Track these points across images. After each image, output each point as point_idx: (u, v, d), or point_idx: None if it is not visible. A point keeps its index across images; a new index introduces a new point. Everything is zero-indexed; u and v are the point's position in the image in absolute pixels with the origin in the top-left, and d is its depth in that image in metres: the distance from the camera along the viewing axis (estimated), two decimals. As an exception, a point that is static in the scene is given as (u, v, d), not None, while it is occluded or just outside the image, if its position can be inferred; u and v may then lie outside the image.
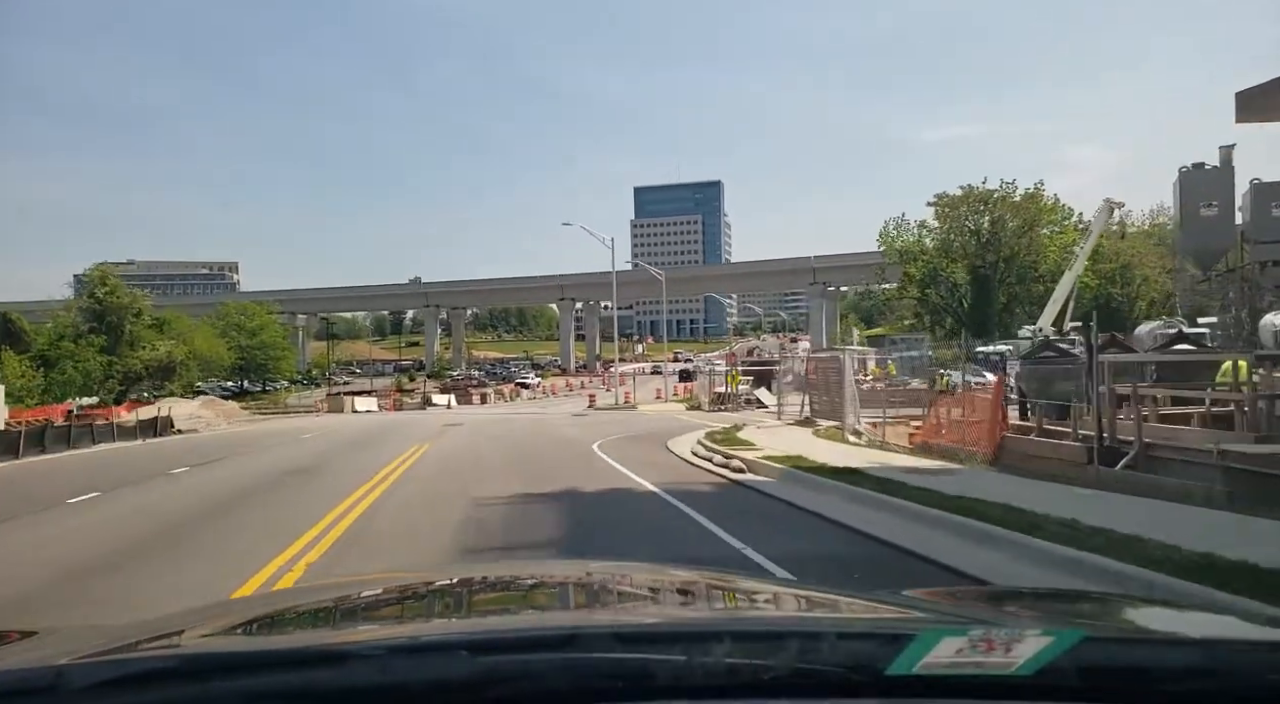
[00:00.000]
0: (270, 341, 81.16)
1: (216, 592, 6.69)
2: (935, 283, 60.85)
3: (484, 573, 2.65)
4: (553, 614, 1.78)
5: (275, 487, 14.54)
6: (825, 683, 1.06)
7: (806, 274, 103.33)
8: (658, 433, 22.72)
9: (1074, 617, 1.79)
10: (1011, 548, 7.59)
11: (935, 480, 11.43)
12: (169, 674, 1.11)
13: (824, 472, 12.79)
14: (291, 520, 10.40)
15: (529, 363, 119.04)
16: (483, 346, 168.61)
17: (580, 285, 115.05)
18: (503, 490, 12.70)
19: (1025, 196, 55.79)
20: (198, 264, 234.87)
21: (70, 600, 6.96)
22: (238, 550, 8.78)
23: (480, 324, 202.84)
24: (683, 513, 10.66)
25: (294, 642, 1.52)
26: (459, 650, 1.11)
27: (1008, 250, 55.85)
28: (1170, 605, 2.41)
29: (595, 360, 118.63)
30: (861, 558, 7.98)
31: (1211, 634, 1.55)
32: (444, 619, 1.76)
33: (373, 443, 22.47)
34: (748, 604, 1.88)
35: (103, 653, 1.32)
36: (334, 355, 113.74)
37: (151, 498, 13.96)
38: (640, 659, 1.11)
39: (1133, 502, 9.78)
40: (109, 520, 11.49)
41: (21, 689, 1.07)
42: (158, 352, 57.68)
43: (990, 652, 1.12)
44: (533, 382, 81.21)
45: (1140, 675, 1.12)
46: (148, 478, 16.92)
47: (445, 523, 10.11)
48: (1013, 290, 56.63)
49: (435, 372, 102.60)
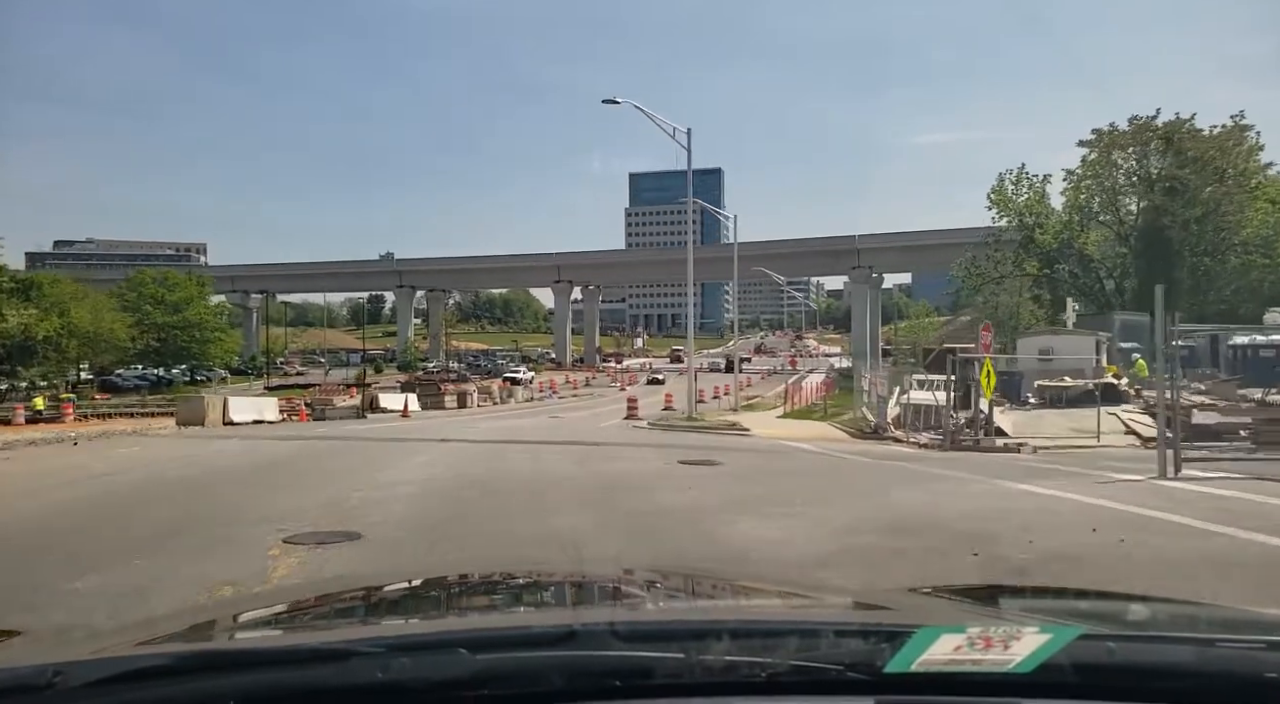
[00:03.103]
0: (199, 320, 64.37)
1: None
2: (1068, 255, 45.37)
3: (482, 571, 2.64)
4: (551, 612, 1.78)
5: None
6: (824, 680, 1.06)
7: (848, 256, 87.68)
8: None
9: (1072, 614, 1.81)
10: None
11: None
12: (165, 672, 1.10)
13: None
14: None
15: (518, 355, 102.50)
16: (465, 337, 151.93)
17: (578, 266, 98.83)
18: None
19: (1225, 133, 40.15)
20: (163, 244, 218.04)
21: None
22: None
23: (463, 315, 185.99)
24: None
25: (291, 640, 1.51)
26: (458, 648, 1.09)
27: (1200, 208, 40.08)
28: (1168, 603, 2.32)
29: (595, 353, 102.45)
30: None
31: (1209, 632, 1.53)
32: (442, 617, 1.75)
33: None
34: (746, 602, 1.89)
35: (99, 651, 1.33)
36: (301, 343, 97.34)
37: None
38: (639, 656, 1.10)
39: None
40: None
41: (17, 687, 1.05)
42: (5, 323, 41.08)
43: (988, 649, 1.12)
44: (524, 377, 65.11)
45: (1138, 673, 1.12)
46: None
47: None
48: (1199, 264, 40.89)
49: (406, 362, 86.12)
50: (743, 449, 16.68)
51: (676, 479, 10.81)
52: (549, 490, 9.76)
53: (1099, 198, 44.93)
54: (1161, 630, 1.54)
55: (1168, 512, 7.59)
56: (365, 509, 8.24)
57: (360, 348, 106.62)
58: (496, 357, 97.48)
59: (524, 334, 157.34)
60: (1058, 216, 46.08)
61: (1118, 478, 10.26)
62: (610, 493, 9.48)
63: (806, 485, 10.34)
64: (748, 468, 12.77)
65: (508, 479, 10.91)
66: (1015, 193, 47.45)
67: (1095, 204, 44.81)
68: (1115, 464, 12.03)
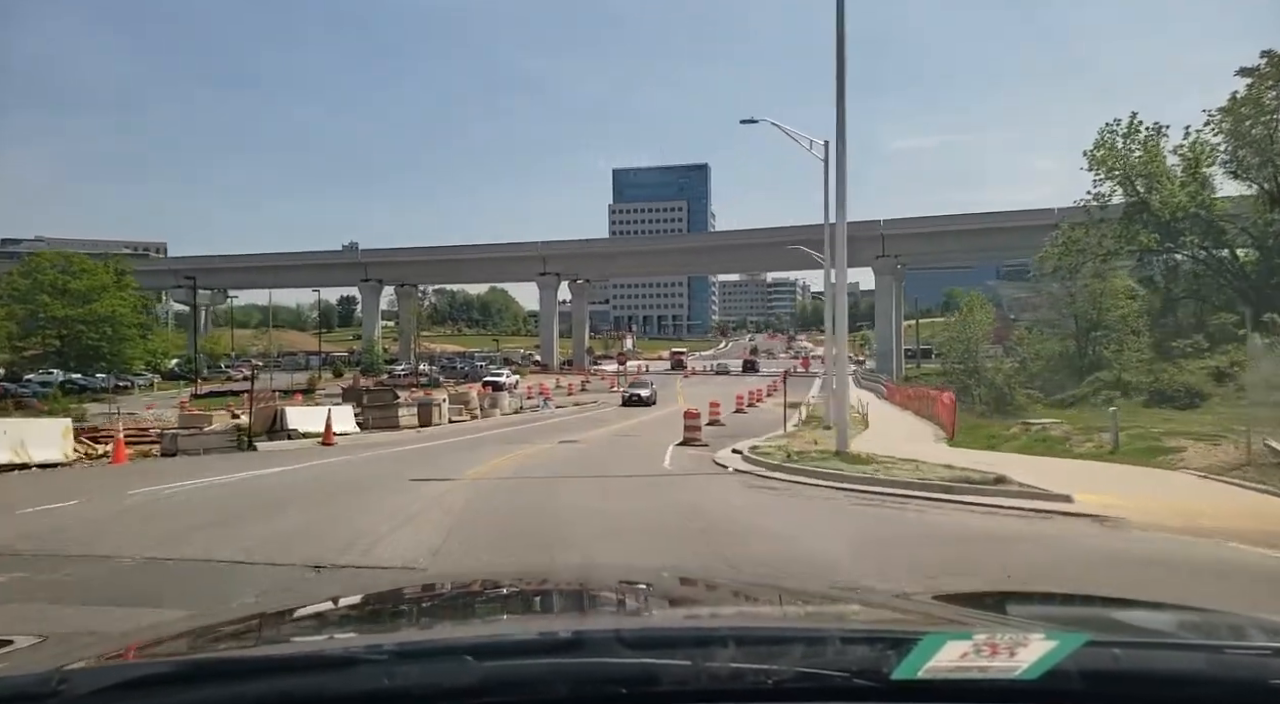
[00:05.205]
0: (110, 313, 53.06)
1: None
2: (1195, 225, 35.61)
3: (487, 578, 2.58)
4: (557, 618, 1.76)
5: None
6: (830, 687, 1.05)
7: (871, 244, 77.57)
8: None
9: (1078, 621, 1.81)
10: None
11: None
12: (170, 680, 1.10)
13: None
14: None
15: (499, 357, 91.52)
16: (441, 340, 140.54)
17: (564, 256, 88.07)
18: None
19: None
20: (119, 243, 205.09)
21: None
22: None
23: (440, 317, 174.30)
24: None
25: (296, 647, 1.50)
26: (463, 655, 1.09)
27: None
28: (1175, 609, 2.19)
29: (584, 354, 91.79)
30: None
31: (1215, 639, 1.52)
32: (447, 624, 1.73)
33: None
34: (752, 608, 1.86)
35: (104, 657, 1.33)
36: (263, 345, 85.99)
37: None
38: (645, 664, 1.10)
39: None
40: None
41: (24, 694, 1.05)
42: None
43: (995, 656, 1.11)
44: (508, 381, 54.51)
45: (1144, 680, 1.11)
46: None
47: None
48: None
49: (370, 364, 75.04)
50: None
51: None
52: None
53: (1243, 151, 35.18)
54: (1168, 637, 1.54)
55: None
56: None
57: (330, 351, 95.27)
58: (475, 358, 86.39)
59: (505, 336, 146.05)
60: (1178, 180, 36.33)
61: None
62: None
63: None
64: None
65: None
66: (1126, 148, 37.77)
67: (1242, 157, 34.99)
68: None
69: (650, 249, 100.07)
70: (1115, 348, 36.14)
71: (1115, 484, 12.18)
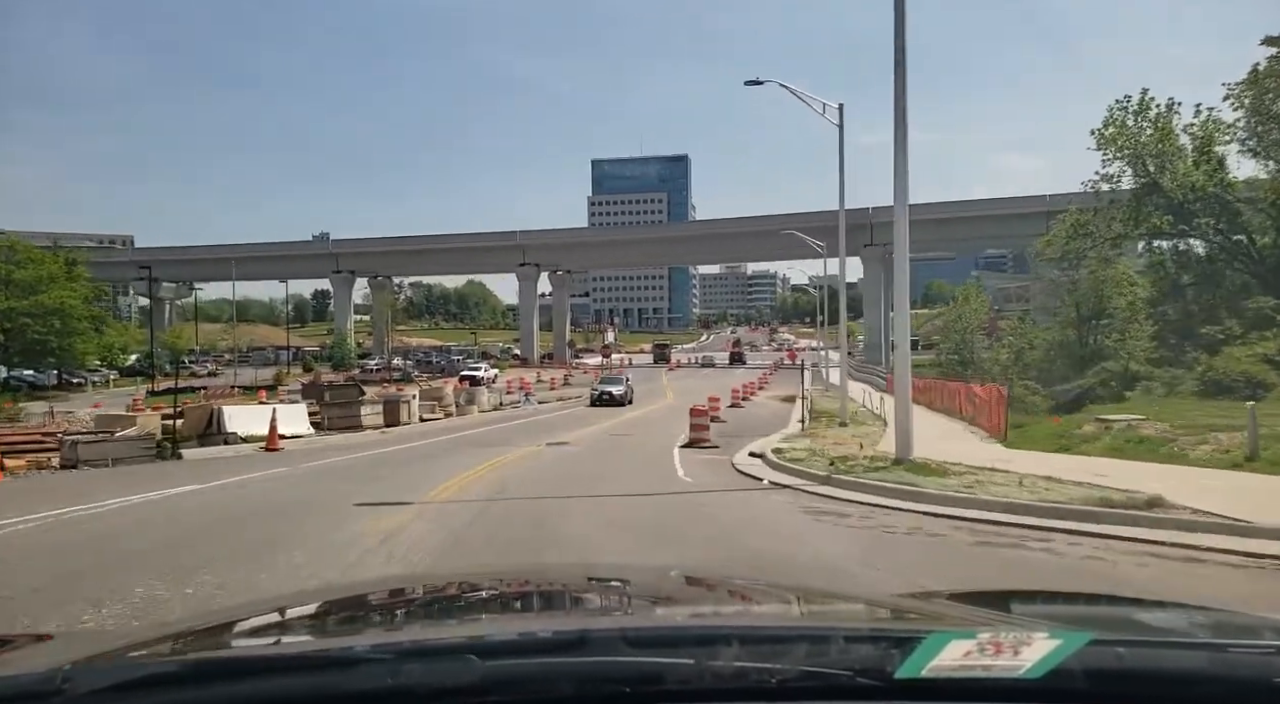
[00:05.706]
0: (59, 305, 49.76)
1: None
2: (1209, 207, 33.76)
3: (491, 577, 2.57)
4: (561, 617, 1.75)
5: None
6: (834, 686, 1.05)
7: (860, 232, 75.42)
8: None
9: (1082, 619, 1.80)
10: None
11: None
12: (174, 679, 1.10)
13: None
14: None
15: (477, 351, 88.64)
16: (418, 334, 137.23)
17: (544, 247, 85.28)
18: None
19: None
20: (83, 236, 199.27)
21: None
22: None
23: (416, 311, 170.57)
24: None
25: (300, 646, 1.49)
26: (467, 654, 1.08)
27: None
28: (1179, 608, 2.18)
29: (565, 347, 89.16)
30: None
31: (1220, 638, 1.50)
32: (451, 623, 1.72)
33: None
34: (756, 607, 1.86)
35: (108, 656, 1.32)
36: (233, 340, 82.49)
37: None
38: (649, 663, 1.10)
39: None
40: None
41: (28, 693, 1.05)
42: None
43: (998, 654, 1.11)
44: (486, 375, 51.84)
45: (1148, 678, 1.11)
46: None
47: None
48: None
49: (341, 359, 71.97)
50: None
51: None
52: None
53: (1265, 126, 33.29)
54: (1172, 636, 1.53)
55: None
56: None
57: (301, 345, 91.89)
58: (451, 352, 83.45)
59: (483, 330, 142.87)
60: (1190, 159, 34.40)
61: None
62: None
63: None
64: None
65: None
66: (1138, 127, 35.76)
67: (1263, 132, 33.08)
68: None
69: (632, 238, 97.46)
70: (1118, 337, 34.08)
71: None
